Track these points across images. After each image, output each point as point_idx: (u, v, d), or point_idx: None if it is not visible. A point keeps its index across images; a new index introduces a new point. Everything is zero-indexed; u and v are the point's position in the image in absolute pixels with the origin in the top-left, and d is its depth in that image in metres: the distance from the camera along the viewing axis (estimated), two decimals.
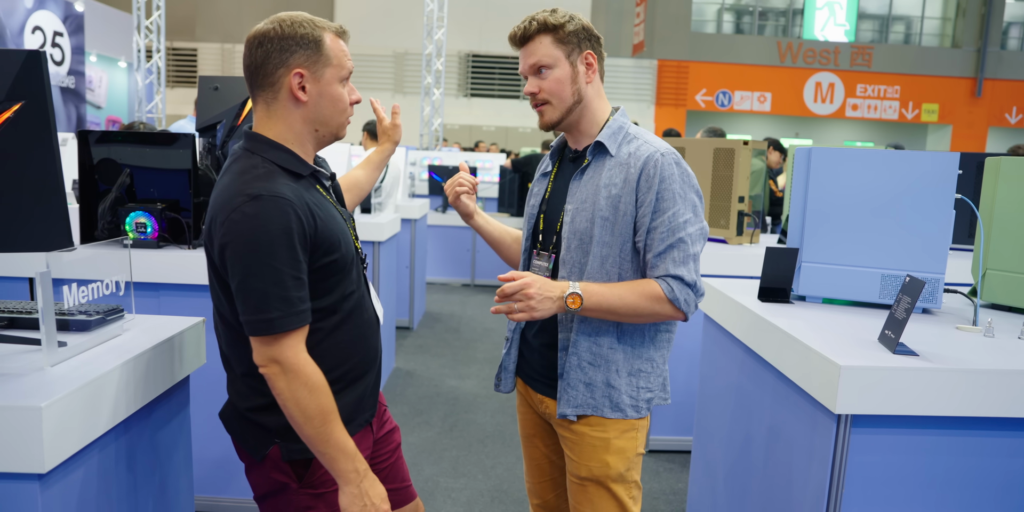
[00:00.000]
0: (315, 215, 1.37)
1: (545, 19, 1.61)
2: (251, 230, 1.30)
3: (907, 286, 1.64)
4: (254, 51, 1.38)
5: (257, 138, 1.42)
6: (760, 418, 1.97)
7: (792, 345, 1.72)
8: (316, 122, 1.43)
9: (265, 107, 1.42)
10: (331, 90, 1.42)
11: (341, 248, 1.42)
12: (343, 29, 1.46)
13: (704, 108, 18.70)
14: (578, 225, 1.63)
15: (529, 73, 1.64)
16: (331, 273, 1.42)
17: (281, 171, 1.39)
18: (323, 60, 1.39)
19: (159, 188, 2.81)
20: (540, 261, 1.72)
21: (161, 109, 10.61)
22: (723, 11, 19.19)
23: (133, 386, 1.46)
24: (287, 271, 1.31)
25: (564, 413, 1.67)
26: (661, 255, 1.57)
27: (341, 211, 1.52)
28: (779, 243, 3.81)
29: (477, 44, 18.77)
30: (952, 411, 1.53)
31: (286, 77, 1.38)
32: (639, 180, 1.58)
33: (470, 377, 4.76)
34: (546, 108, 1.64)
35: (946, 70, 18.59)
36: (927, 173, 1.97)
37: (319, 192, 1.46)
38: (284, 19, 1.38)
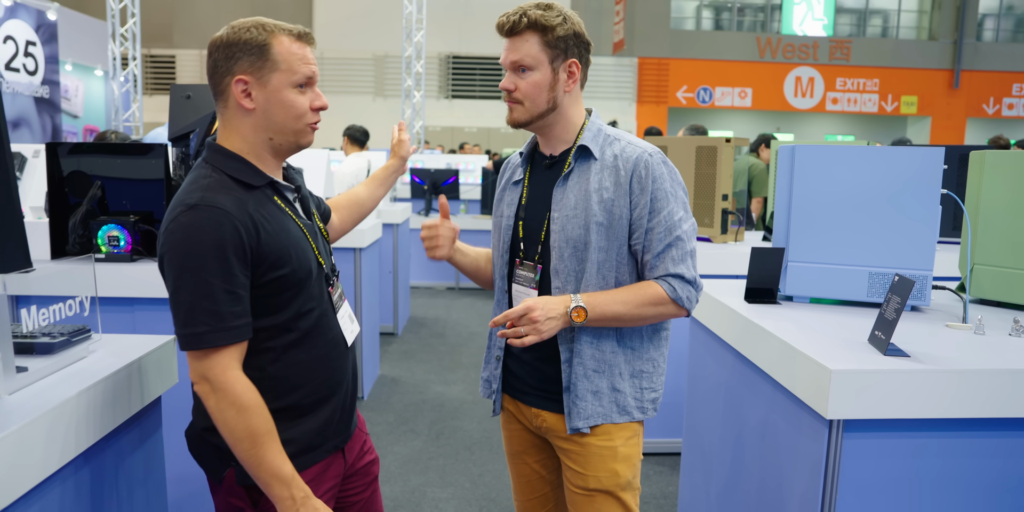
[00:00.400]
0: (259, 227, 1.31)
1: (538, 18, 1.54)
2: (183, 240, 1.26)
3: (896, 285, 1.61)
4: (208, 61, 1.37)
5: (213, 148, 1.39)
6: (751, 422, 1.94)
7: (781, 349, 1.69)
8: (268, 130, 1.37)
9: (221, 117, 1.39)
10: (280, 96, 1.35)
11: (292, 263, 1.36)
12: (302, 32, 1.38)
13: (685, 105, 18.73)
14: (571, 232, 1.59)
15: (509, 68, 1.59)
16: (281, 289, 1.35)
17: (232, 182, 1.34)
18: (269, 65, 1.33)
19: (132, 200, 2.75)
20: (525, 271, 1.67)
21: (138, 117, 10.48)
22: (702, 8, 19.23)
23: (98, 412, 1.39)
24: (218, 284, 1.26)
25: (576, 427, 1.61)
26: (660, 255, 1.57)
27: (302, 225, 1.44)
28: (764, 241, 3.79)
29: (457, 45, 18.70)
30: (945, 413, 1.50)
31: (231, 85, 1.34)
32: (631, 182, 1.56)
33: (456, 383, 4.71)
34: (517, 107, 1.60)
35: (923, 62, 18.72)
36: (912, 169, 1.95)
37: (275, 204, 1.40)
38: (234, 25, 1.35)
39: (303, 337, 1.40)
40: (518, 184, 1.71)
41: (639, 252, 1.59)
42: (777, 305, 2.07)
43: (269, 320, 1.36)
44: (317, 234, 1.49)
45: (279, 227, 1.36)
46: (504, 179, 1.77)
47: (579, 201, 1.59)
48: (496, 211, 1.75)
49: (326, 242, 1.54)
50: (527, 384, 1.70)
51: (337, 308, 1.49)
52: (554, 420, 1.66)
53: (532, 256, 1.66)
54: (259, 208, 1.34)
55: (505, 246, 1.70)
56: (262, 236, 1.31)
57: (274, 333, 1.37)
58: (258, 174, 1.38)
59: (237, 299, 1.29)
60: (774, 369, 1.74)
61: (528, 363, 1.69)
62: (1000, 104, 19.12)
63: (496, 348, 1.75)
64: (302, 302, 1.39)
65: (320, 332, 1.43)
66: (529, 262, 1.66)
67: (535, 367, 1.68)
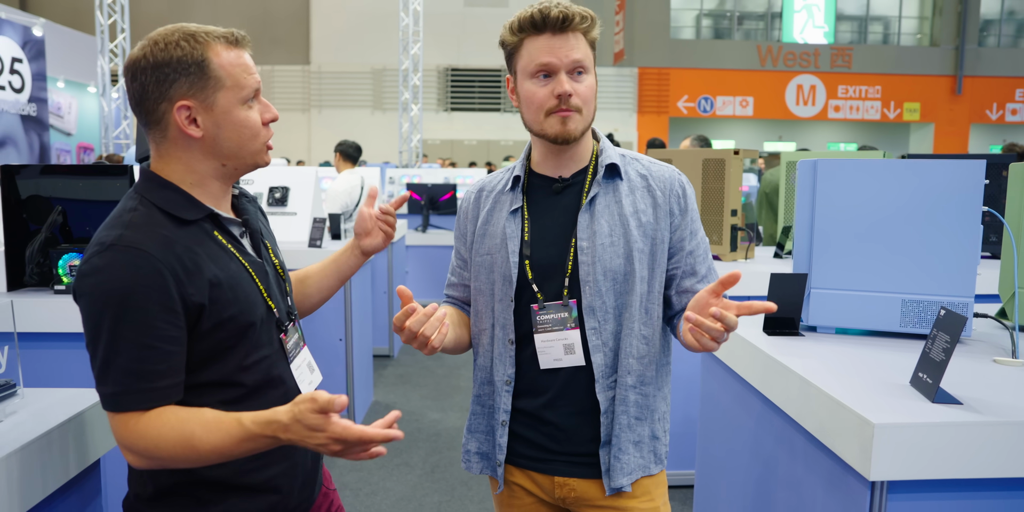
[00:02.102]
0: (191, 270, 1.11)
1: (591, 16, 1.34)
2: (95, 286, 1.07)
3: (943, 321, 1.39)
4: (130, 85, 1.14)
5: (145, 175, 1.19)
6: (777, 471, 1.72)
7: (811, 394, 1.47)
8: (219, 156, 1.18)
9: (156, 147, 1.18)
10: (232, 117, 1.16)
11: (231, 309, 1.15)
12: (236, 35, 1.18)
13: (687, 114, 18.59)
14: (608, 263, 1.37)
15: (567, 69, 1.33)
16: (220, 339, 1.16)
17: (162, 215, 1.14)
18: (213, 84, 1.13)
19: (95, 226, 2.55)
20: (553, 314, 1.40)
21: (129, 135, 10.32)
22: (701, 17, 19.13)
23: (18, 485, 1.18)
24: (135, 338, 1.07)
25: (619, 486, 1.39)
26: (706, 278, 1.46)
27: (248, 263, 1.23)
28: (775, 257, 3.58)
29: (455, 58, 18.61)
30: (1007, 472, 1.28)
31: (170, 113, 1.14)
32: (671, 203, 1.42)
33: (452, 409, 4.48)
34: (574, 116, 1.35)
35: (926, 69, 18.58)
36: (949, 184, 1.74)
37: (215, 240, 1.19)
38: (157, 40, 1.13)
39: (248, 394, 1.20)
40: (515, 214, 1.44)
41: (678, 277, 1.45)
42: (800, 337, 1.86)
43: (207, 375, 1.16)
44: (268, 274, 1.27)
45: (217, 268, 1.16)
46: (484, 210, 1.49)
47: (614, 227, 1.39)
48: (478, 248, 1.47)
49: (281, 281, 1.32)
50: (546, 450, 1.44)
51: (292, 358, 1.28)
52: (585, 487, 1.43)
53: (555, 295, 1.42)
54: (193, 246, 1.14)
55: (508, 286, 1.42)
56: (195, 279, 1.12)
57: (213, 389, 1.17)
58: (194, 206, 1.18)
59: (160, 355, 1.09)
60: (804, 418, 1.52)
61: (551, 423, 1.42)
62: (1004, 109, 18.96)
63: (501, 411, 1.45)
64: (245, 353, 1.19)
65: (270, 386, 1.23)
66: (555, 302, 1.40)
67: (559, 427, 1.42)
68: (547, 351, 1.41)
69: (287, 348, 1.27)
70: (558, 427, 1.43)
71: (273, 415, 1.05)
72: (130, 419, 1.09)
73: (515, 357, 1.44)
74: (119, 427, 1.10)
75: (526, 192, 1.46)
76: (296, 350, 1.30)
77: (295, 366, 1.29)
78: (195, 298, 1.11)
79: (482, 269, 1.47)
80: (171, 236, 1.12)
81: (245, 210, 1.29)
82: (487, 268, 1.46)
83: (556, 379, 1.42)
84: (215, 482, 1.20)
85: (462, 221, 1.54)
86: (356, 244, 1.50)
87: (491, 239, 1.46)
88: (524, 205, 1.45)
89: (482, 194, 1.52)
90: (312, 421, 1.01)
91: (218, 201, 1.23)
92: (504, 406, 1.45)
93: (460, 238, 1.54)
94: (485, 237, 1.47)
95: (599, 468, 1.42)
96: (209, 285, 1.13)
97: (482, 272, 1.47)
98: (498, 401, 1.46)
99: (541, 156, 1.46)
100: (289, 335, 1.28)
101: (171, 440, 1.08)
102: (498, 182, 1.51)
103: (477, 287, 1.48)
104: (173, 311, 1.09)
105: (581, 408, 1.42)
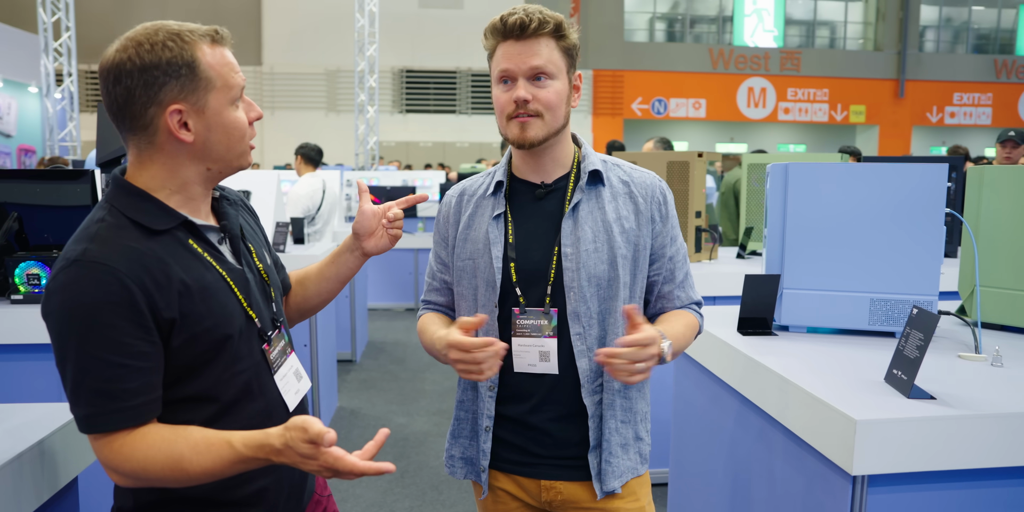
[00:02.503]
0: (160, 282, 1.06)
1: (558, 21, 1.34)
2: (61, 304, 1.02)
3: (916, 319, 1.44)
4: (112, 89, 1.08)
5: (116, 182, 1.13)
6: (755, 469, 1.75)
7: (792, 392, 1.51)
8: (207, 160, 1.14)
9: (137, 152, 1.13)
10: (223, 119, 1.12)
11: (205, 322, 1.10)
12: (219, 33, 1.13)
13: (641, 116, 18.81)
14: (593, 269, 1.39)
15: (525, 75, 1.34)
16: (193, 354, 1.11)
17: (132, 226, 1.09)
18: (203, 85, 1.09)
19: (55, 233, 2.47)
20: (532, 320, 1.40)
21: (75, 137, 9.99)
22: (655, 20, 19.39)
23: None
24: (104, 357, 1.03)
25: (611, 489, 1.41)
26: (681, 283, 1.50)
27: (225, 272, 1.17)
28: (738, 257, 3.66)
29: (410, 59, 18.50)
30: (982, 462, 1.33)
31: (160, 117, 1.08)
32: (652, 210, 1.45)
33: (419, 414, 4.46)
34: (535, 121, 1.35)
35: (870, 72, 19.15)
36: (914, 186, 1.80)
37: (190, 249, 1.13)
38: (141, 41, 1.07)
39: (227, 408, 1.15)
40: (498, 219, 1.44)
41: (658, 283, 1.48)
42: (773, 336, 1.90)
43: (182, 390, 1.12)
44: (250, 282, 1.21)
45: (191, 279, 1.11)
46: (466, 214, 1.48)
47: (598, 233, 1.40)
48: (460, 253, 1.47)
49: (266, 287, 1.26)
50: (532, 454, 1.45)
51: (276, 369, 1.23)
52: (573, 489, 1.44)
53: (537, 302, 1.41)
54: (164, 257, 1.09)
55: (492, 292, 1.42)
56: (165, 293, 1.07)
57: (193, 405, 1.13)
58: (166, 215, 1.12)
59: (131, 373, 1.04)
60: (782, 414, 1.56)
61: (536, 427, 1.43)
62: (943, 112, 19.66)
63: (485, 417, 1.45)
64: (223, 367, 1.14)
65: (248, 402, 1.18)
66: (536, 308, 1.40)
67: (545, 431, 1.43)
68: (522, 355, 1.42)
69: (270, 359, 1.22)
70: (544, 432, 1.43)
71: (265, 438, 1.03)
72: (113, 441, 1.05)
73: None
74: (101, 449, 1.06)
75: (508, 198, 1.46)
76: (281, 359, 1.25)
77: (279, 376, 1.24)
78: (166, 312, 1.07)
79: (464, 274, 1.46)
80: (140, 248, 1.07)
81: (225, 214, 1.24)
82: (469, 273, 1.46)
83: (541, 384, 1.43)
84: (199, 498, 1.17)
85: (442, 225, 1.52)
86: (356, 244, 1.41)
87: (473, 244, 1.45)
88: (507, 210, 1.44)
89: (463, 198, 1.51)
90: (303, 450, 1.00)
91: (197, 207, 1.18)
92: (487, 412, 1.45)
93: (440, 242, 1.52)
94: (467, 241, 1.46)
95: (586, 471, 1.43)
96: (180, 297, 1.08)
97: (464, 277, 1.46)
98: (481, 407, 1.46)
99: (521, 161, 1.46)
100: (273, 345, 1.23)
101: (159, 462, 1.05)
102: (479, 186, 1.50)
103: (460, 292, 1.48)
104: (143, 326, 1.05)
105: (566, 412, 1.42)
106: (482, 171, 2.01)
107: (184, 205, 1.16)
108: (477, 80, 18.75)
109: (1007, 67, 19.59)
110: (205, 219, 1.20)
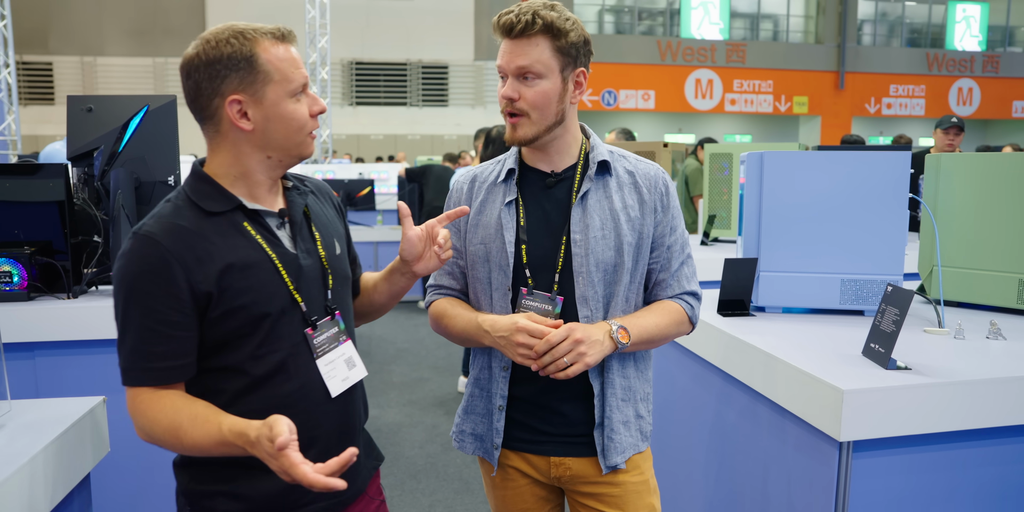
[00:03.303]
0: (201, 259, 1.17)
1: (552, 20, 1.37)
2: (118, 270, 1.19)
3: (891, 296, 1.55)
4: (185, 82, 1.21)
5: (193, 169, 1.27)
6: (742, 444, 1.85)
7: (777, 368, 1.60)
8: (268, 148, 1.23)
9: (208, 142, 1.26)
10: (280, 110, 1.21)
11: (243, 299, 1.19)
12: (283, 31, 1.22)
13: (591, 108, 18.99)
14: (600, 255, 1.45)
15: (512, 74, 1.40)
16: (230, 327, 1.20)
17: (191, 206, 1.22)
18: (262, 78, 1.19)
19: (25, 229, 2.41)
20: (537, 302, 1.46)
21: (15, 130, 9.62)
22: (603, 12, 19.56)
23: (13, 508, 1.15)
24: (140, 320, 1.17)
25: (614, 464, 1.48)
26: (676, 273, 1.54)
27: (276, 256, 1.23)
28: (702, 244, 3.78)
29: (360, 51, 18.28)
30: (951, 426, 1.45)
31: (222, 107, 1.20)
32: (655, 200, 1.50)
33: (389, 406, 4.48)
34: (522, 121, 1.42)
35: (812, 64, 19.71)
36: (880, 173, 1.92)
37: (243, 232, 1.22)
38: (209, 39, 1.18)
39: (257, 384, 1.22)
40: (510, 205, 1.49)
41: (656, 270, 1.53)
42: (752, 316, 2.00)
43: (217, 361, 1.22)
44: (303, 267, 1.26)
45: (235, 257, 1.20)
46: (477, 200, 1.53)
47: (605, 221, 1.46)
48: (472, 238, 1.51)
49: (325, 276, 1.31)
50: (542, 433, 1.51)
51: (320, 353, 1.28)
52: (581, 465, 1.51)
53: (545, 287, 1.47)
54: (212, 236, 1.19)
55: (504, 276, 1.47)
56: (204, 268, 1.17)
57: (226, 376, 1.23)
58: (223, 199, 1.23)
59: (161, 338, 1.17)
60: (767, 389, 1.65)
61: (545, 407, 1.50)
62: (880, 103, 20.37)
63: (498, 396, 1.51)
64: (257, 344, 1.22)
65: (283, 380, 1.24)
66: (543, 292, 1.46)
67: (554, 410, 1.50)
68: None
69: (314, 342, 1.27)
70: (554, 411, 1.50)
71: (246, 428, 1.09)
72: (137, 395, 1.18)
73: None
74: (129, 399, 1.19)
75: (519, 185, 1.51)
76: (330, 345, 1.29)
77: (325, 361, 1.28)
78: (203, 286, 1.17)
79: (477, 259, 1.51)
80: (188, 226, 1.18)
81: (292, 202, 1.30)
82: (482, 258, 1.51)
83: None
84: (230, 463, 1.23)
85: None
86: (407, 268, 1.42)
87: (484, 229, 1.50)
88: (519, 197, 1.50)
89: (475, 184, 1.56)
90: (266, 447, 1.05)
91: (262, 193, 1.26)
92: (501, 392, 1.51)
93: (452, 229, 1.56)
94: (479, 227, 1.51)
95: (593, 447, 1.50)
96: (220, 274, 1.17)
97: (478, 262, 1.51)
98: (495, 387, 1.52)
99: (528, 151, 1.52)
100: (320, 330, 1.28)
101: (162, 425, 1.16)
102: (490, 173, 1.55)
103: (474, 276, 1.53)
104: (177, 298, 1.16)
105: (575, 393, 1.49)
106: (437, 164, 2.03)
107: (248, 191, 1.25)
108: (428, 72, 18.66)
109: (938, 60, 20.42)
110: (269, 205, 1.28)
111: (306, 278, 1.27)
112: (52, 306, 2.17)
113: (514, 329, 1.35)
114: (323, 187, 1.43)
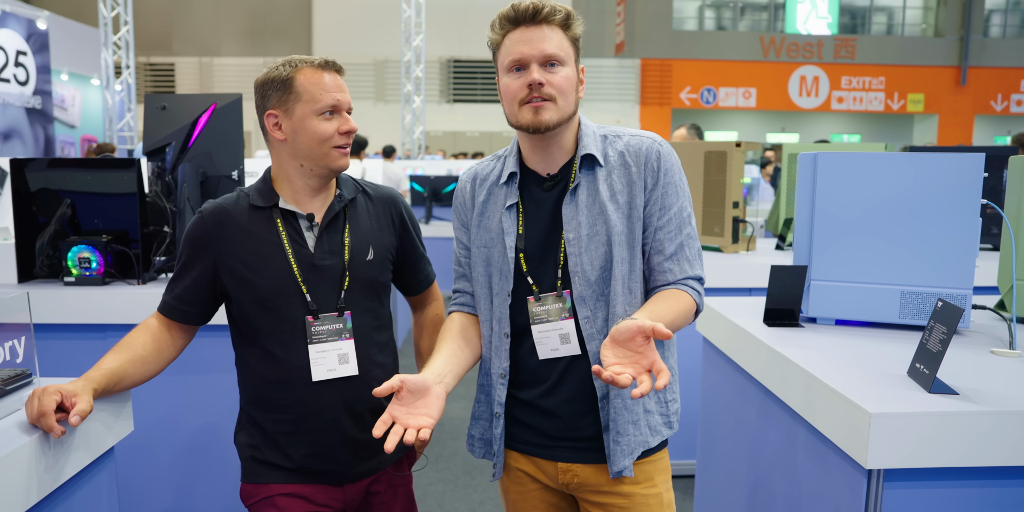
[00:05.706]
0: (233, 235, 1.50)
1: (568, 12, 1.38)
2: (184, 233, 1.58)
3: (940, 312, 1.42)
4: (255, 100, 1.53)
5: (267, 168, 1.58)
6: (776, 461, 1.75)
7: (810, 384, 1.50)
8: (298, 157, 1.49)
9: (268, 147, 1.55)
10: (305, 125, 1.46)
11: (248, 277, 1.49)
12: (326, 61, 1.49)
13: (689, 106, 18.55)
14: (594, 252, 1.41)
15: (538, 61, 1.36)
16: (234, 297, 1.51)
17: (245, 198, 1.54)
18: (293, 97, 1.46)
19: (104, 219, 2.58)
20: (549, 305, 1.43)
21: (133, 127, 10.33)
22: (704, 8, 19.05)
23: (34, 473, 1.22)
24: (179, 269, 1.54)
25: (622, 467, 1.41)
26: (674, 256, 1.44)
27: (292, 251, 1.49)
28: (776, 249, 3.60)
29: (458, 49, 18.57)
30: (1001, 460, 1.31)
31: (266, 119, 1.50)
32: (644, 174, 1.42)
33: (457, 398, 4.52)
34: (549, 105, 1.36)
35: (930, 59, 18.49)
36: (948, 177, 1.76)
37: (274, 226, 1.50)
38: (271, 66, 1.50)
39: (265, 356, 1.51)
40: (511, 209, 1.46)
41: (648, 253, 1.45)
42: (800, 328, 1.88)
43: (247, 327, 1.52)
44: (316, 266, 1.50)
45: (254, 242, 1.49)
46: (479, 200, 1.51)
47: (595, 216, 1.41)
48: (475, 239, 1.51)
49: (342, 278, 1.52)
50: (549, 437, 1.47)
51: (314, 341, 1.49)
52: (589, 472, 1.46)
53: (549, 288, 1.44)
54: (247, 223, 1.50)
55: (506, 281, 1.45)
56: (229, 242, 1.49)
57: (243, 341, 1.55)
58: (268, 196, 1.52)
59: (179, 281, 1.54)
60: (803, 407, 1.55)
61: (549, 411, 1.46)
62: (1008, 100, 18.88)
63: (496, 403, 1.48)
64: (266, 320, 1.49)
65: (280, 359, 1.49)
66: (549, 293, 1.43)
67: (558, 415, 1.45)
68: (544, 342, 1.44)
69: (310, 330, 1.48)
70: (558, 415, 1.45)
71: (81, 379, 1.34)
72: (151, 316, 1.56)
73: (510, 351, 1.47)
74: None
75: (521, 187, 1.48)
76: (328, 338, 1.49)
77: (317, 349, 1.48)
78: (225, 256, 1.50)
79: (479, 262, 1.50)
80: (233, 213, 1.51)
81: (329, 208, 1.53)
82: (484, 261, 1.49)
83: (554, 369, 1.45)
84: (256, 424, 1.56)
85: (460, 210, 1.56)
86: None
87: (487, 232, 1.49)
88: (519, 202, 1.47)
89: (476, 182, 1.54)
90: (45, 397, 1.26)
91: (302, 197, 1.52)
92: (499, 398, 1.48)
93: (461, 228, 1.56)
94: (481, 229, 1.50)
95: (602, 453, 1.45)
96: (242, 250, 1.49)
97: (479, 265, 1.50)
98: (494, 393, 1.49)
99: (528, 150, 1.47)
100: (321, 322, 1.49)
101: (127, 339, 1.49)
102: (491, 172, 1.53)
103: (475, 278, 1.51)
104: (202, 257, 1.51)
105: (579, 395, 1.44)
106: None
107: (291, 194, 1.52)
108: None
109: None
110: (306, 208, 1.53)
111: (319, 275, 1.49)
112: (123, 291, 2.31)
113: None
114: (387, 197, 1.63)
